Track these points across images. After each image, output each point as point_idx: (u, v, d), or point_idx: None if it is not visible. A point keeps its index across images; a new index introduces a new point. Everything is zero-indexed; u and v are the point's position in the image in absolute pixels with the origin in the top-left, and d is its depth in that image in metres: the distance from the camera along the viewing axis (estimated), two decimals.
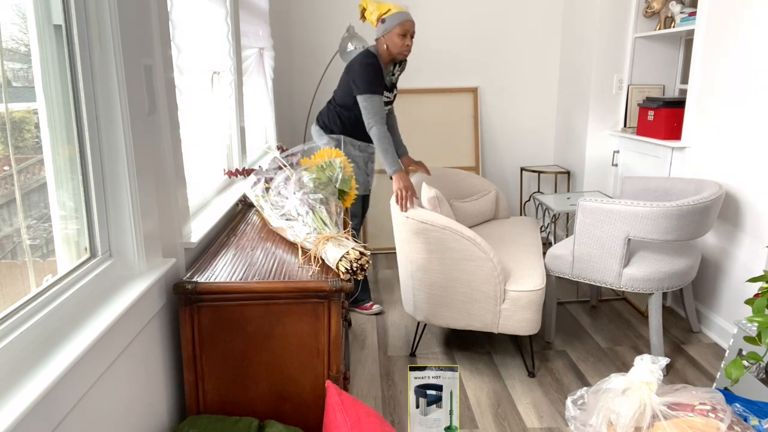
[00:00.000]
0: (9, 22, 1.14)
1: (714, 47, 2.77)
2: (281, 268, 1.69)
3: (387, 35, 2.75)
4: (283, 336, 1.59)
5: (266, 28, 3.41)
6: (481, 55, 4.30)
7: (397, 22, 2.72)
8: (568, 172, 4.15)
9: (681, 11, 3.21)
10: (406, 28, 2.73)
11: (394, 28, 2.72)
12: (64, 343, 1.09)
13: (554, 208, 3.26)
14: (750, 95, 2.53)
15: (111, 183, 1.39)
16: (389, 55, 2.81)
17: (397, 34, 2.73)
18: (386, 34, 2.75)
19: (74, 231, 1.35)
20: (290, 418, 1.66)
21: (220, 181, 2.50)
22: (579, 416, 1.49)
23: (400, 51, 2.76)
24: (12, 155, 1.12)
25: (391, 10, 2.75)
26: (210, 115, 2.32)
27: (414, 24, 2.77)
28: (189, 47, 1.96)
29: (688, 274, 2.53)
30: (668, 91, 3.67)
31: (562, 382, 2.47)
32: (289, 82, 4.19)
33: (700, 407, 1.36)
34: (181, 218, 1.74)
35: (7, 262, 1.15)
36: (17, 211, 1.15)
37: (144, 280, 1.41)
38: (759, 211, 2.51)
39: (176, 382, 1.69)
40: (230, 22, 2.55)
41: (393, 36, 2.74)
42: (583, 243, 2.51)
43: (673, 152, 3.07)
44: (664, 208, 2.30)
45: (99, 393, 1.21)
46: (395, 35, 2.73)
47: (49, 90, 1.25)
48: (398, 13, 2.73)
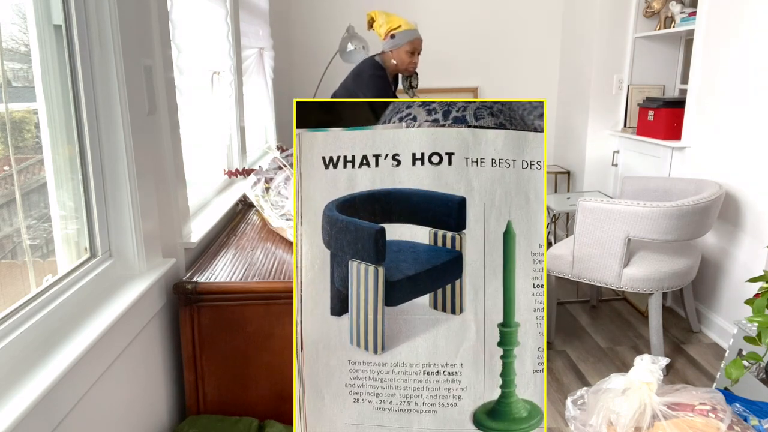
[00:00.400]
0: (9, 22, 1.14)
1: (714, 47, 2.77)
2: (281, 268, 1.69)
3: (396, 51, 2.77)
4: (283, 336, 1.59)
5: (266, 28, 3.41)
6: (481, 54, 4.30)
7: (407, 39, 2.74)
8: (568, 172, 4.15)
9: (681, 11, 3.21)
10: (415, 46, 2.76)
11: (404, 45, 2.74)
12: (64, 343, 1.09)
13: (554, 208, 3.26)
14: (750, 95, 2.53)
15: (111, 183, 1.39)
16: (395, 70, 2.84)
17: (406, 51, 2.76)
18: (395, 50, 2.77)
19: (74, 231, 1.35)
20: (290, 418, 1.66)
21: (220, 181, 2.50)
22: (579, 416, 1.49)
23: (406, 67, 2.80)
24: (12, 155, 1.12)
25: (402, 26, 2.76)
26: (210, 115, 2.32)
27: (422, 41, 2.79)
28: (189, 47, 1.96)
29: (688, 274, 2.53)
30: (668, 91, 3.67)
31: (562, 382, 2.47)
32: (289, 82, 4.19)
33: (700, 407, 1.36)
34: (181, 218, 1.74)
35: (7, 262, 1.15)
36: (17, 211, 1.15)
37: (144, 280, 1.41)
38: (759, 211, 2.51)
39: (176, 382, 1.69)
40: (230, 22, 2.55)
41: (402, 53, 2.76)
42: (583, 243, 2.51)
43: (673, 152, 3.07)
44: (664, 208, 2.30)
45: (99, 393, 1.21)
46: (404, 52, 2.76)
47: (49, 90, 1.25)
48: (409, 30, 2.75)
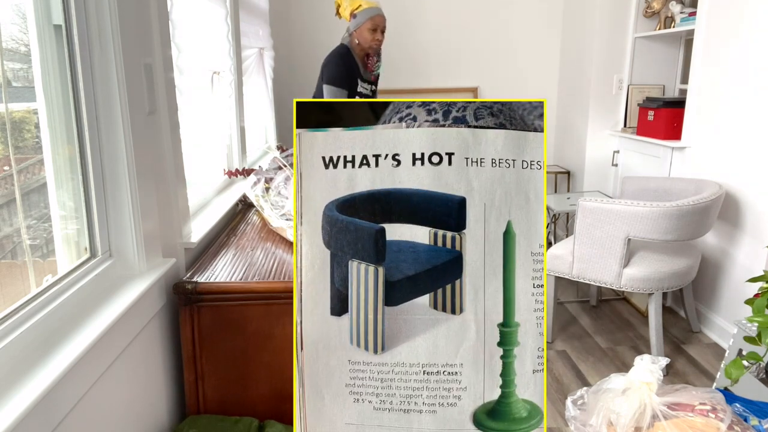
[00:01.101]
0: (9, 22, 1.14)
1: (714, 47, 2.77)
2: (281, 268, 1.69)
3: (358, 30, 2.83)
4: (283, 336, 1.59)
5: (266, 28, 3.41)
6: (481, 54, 4.30)
7: (367, 17, 2.79)
8: (568, 172, 4.15)
9: (681, 11, 3.21)
10: (377, 23, 2.80)
11: (364, 23, 2.79)
12: (64, 343, 1.09)
13: (554, 208, 3.26)
14: (750, 95, 2.53)
15: (111, 183, 1.39)
16: (361, 49, 2.87)
17: (367, 28, 2.80)
18: (357, 29, 2.83)
19: (74, 231, 1.35)
20: (290, 418, 1.66)
21: (220, 181, 2.50)
22: (579, 416, 1.49)
23: (370, 45, 2.84)
24: (12, 155, 1.12)
25: (362, 5, 2.81)
26: (210, 115, 2.32)
27: (385, 19, 2.85)
28: (189, 47, 1.96)
29: (688, 274, 2.53)
30: (668, 91, 3.67)
31: (562, 382, 2.47)
32: (289, 82, 4.19)
33: (700, 407, 1.36)
34: (181, 218, 1.74)
35: (7, 262, 1.15)
36: (17, 211, 1.15)
37: (144, 280, 1.41)
38: (759, 211, 2.51)
39: (176, 382, 1.69)
40: (230, 22, 2.55)
41: (363, 31, 2.81)
42: (583, 243, 2.51)
43: (673, 152, 3.07)
44: (664, 208, 2.30)
45: (99, 393, 1.21)
46: (365, 30, 2.80)
47: (49, 90, 1.25)
48: (369, 8, 2.81)
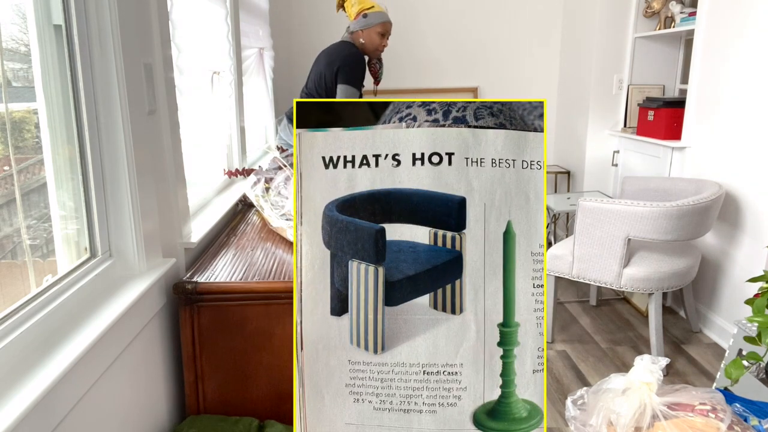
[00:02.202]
0: (9, 22, 1.14)
1: (714, 47, 2.77)
2: (281, 268, 1.69)
3: (367, 31, 2.80)
4: (283, 336, 1.59)
5: (266, 28, 3.41)
6: (481, 54, 4.30)
7: (380, 20, 2.78)
8: (568, 172, 4.15)
9: (681, 11, 3.21)
10: (387, 29, 2.81)
11: (376, 25, 2.78)
12: (64, 343, 1.09)
13: (554, 208, 3.26)
14: (750, 95, 2.53)
15: (111, 183, 1.39)
16: (364, 50, 2.87)
17: (377, 32, 2.79)
18: (366, 29, 2.80)
19: (74, 231, 1.35)
20: (290, 418, 1.66)
21: (220, 181, 2.50)
22: (579, 416, 1.49)
23: (376, 48, 2.84)
24: (12, 155, 1.12)
25: (375, 7, 2.80)
26: (210, 115, 2.32)
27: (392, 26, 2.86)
28: (189, 47, 1.96)
29: (688, 274, 2.53)
30: (668, 91, 3.67)
31: (562, 382, 2.47)
32: (289, 82, 4.19)
33: (700, 407, 1.36)
34: (181, 218, 1.74)
35: (7, 262, 1.15)
36: (17, 211, 1.15)
37: (144, 280, 1.41)
38: (759, 211, 2.51)
39: (176, 382, 1.69)
40: (230, 22, 2.55)
41: (373, 33, 2.79)
42: (583, 243, 2.51)
43: (673, 152, 3.07)
44: (664, 208, 2.30)
45: (99, 393, 1.21)
46: (375, 33, 2.79)
47: (49, 90, 1.25)
48: (381, 12, 2.80)
